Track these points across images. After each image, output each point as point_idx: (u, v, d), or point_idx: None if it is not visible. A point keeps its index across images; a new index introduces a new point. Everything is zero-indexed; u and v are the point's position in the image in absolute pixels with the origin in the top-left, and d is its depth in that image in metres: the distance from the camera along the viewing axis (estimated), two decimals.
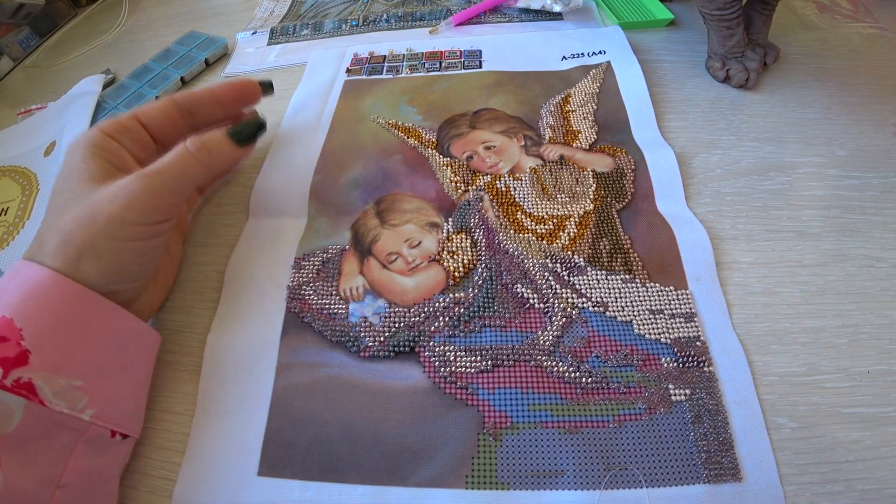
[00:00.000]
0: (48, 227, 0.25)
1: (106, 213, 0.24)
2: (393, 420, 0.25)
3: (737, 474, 0.23)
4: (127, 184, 0.25)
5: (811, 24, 0.45)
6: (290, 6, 0.54)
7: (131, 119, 0.28)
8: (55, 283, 0.23)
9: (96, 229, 0.24)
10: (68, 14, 0.59)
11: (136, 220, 0.25)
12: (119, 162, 0.27)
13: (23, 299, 0.22)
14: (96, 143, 0.26)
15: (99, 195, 0.24)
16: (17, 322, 0.22)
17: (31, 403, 0.21)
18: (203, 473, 0.25)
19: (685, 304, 0.28)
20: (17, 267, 0.24)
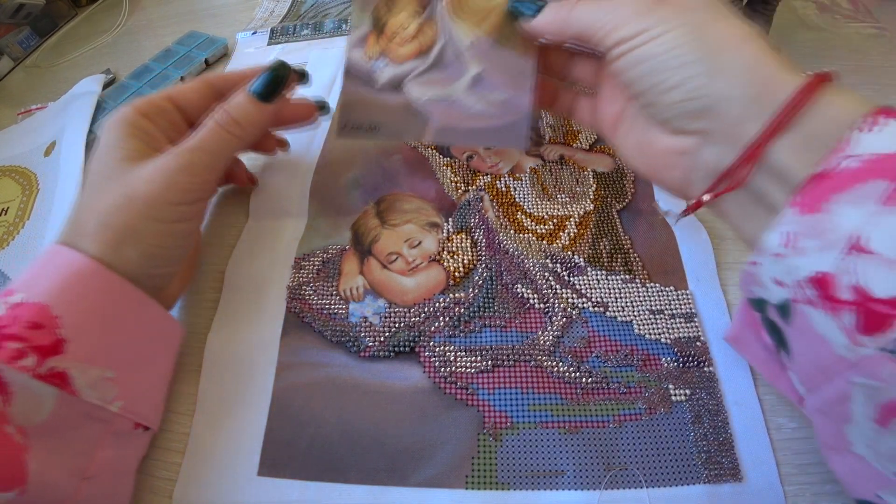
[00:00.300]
0: (86, 209, 0.24)
1: (143, 194, 0.24)
2: (393, 420, 0.25)
3: (737, 474, 0.23)
4: (163, 163, 0.25)
5: (811, 24, 0.45)
6: (291, 6, 0.54)
7: (165, 100, 0.28)
8: (93, 273, 0.23)
9: (136, 211, 0.24)
10: (68, 14, 0.59)
11: (174, 200, 0.25)
12: (153, 142, 0.26)
13: (61, 287, 0.22)
14: (131, 122, 0.26)
15: (135, 176, 0.24)
16: (53, 310, 0.21)
17: (63, 393, 0.21)
18: (203, 473, 0.25)
19: (685, 304, 0.28)
20: (54, 251, 0.23)
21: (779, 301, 0.18)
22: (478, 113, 0.30)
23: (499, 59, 0.29)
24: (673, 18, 0.21)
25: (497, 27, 0.29)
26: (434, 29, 0.30)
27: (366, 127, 0.30)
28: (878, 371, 0.15)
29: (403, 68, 0.30)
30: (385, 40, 0.30)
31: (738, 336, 0.24)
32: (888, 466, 0.17)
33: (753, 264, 0.19)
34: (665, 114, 0.22)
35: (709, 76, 0.19)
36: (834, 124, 0.17)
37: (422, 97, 0.30)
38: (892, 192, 0.15)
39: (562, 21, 0.25)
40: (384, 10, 0.30)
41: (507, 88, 0.29)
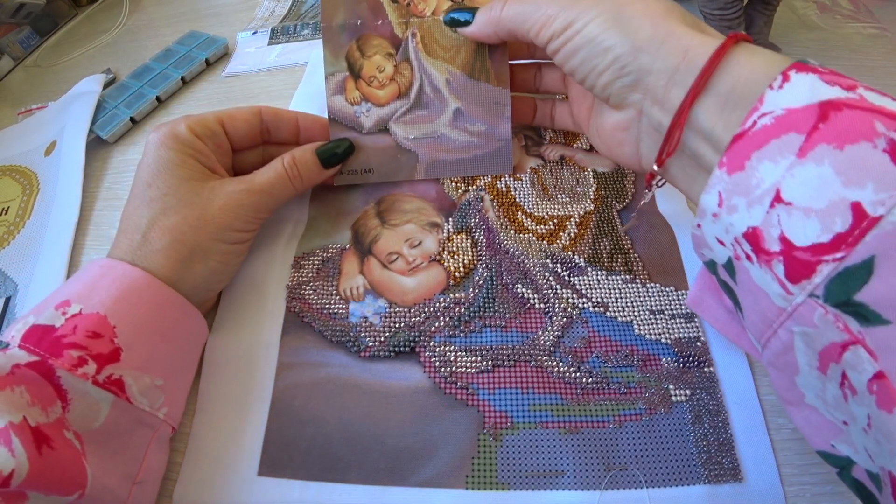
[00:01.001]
0: (152, 225, 0.25)
1: (217, 221, 0.26)
2: (393, 420, 0.25)
3: (737, 475, 0.23)
4: (238, 197, 0.27)
5: (812, 24, 0.44)
6: (291, 6, 0.54)
7: (217, 123, 0.29)
8: (150, 286, 0.24)
9: (207, 233, 0.26)
10: (69, 14, 0.59)
11: (239, 227, 0.27)
12: (208, 163, 0.28)
13: (116, 299, 0.23)
14: (188, 143, 0.27)
15: (207, 202, 0.26)
16: (110, 320, 0.22)
17: (118, 400, 0.22)
18: (204, 473, 0.25)
19: (685, 304, 0.28)
20: (109, 265, 0.25)
21: (724, 260, 0.19)
22: (463, 145, 0.32)
23: (475, 91, 0.31)
24: (593, 7, 0.23)
25: (468, 61, 0.31)
26: (410, 69, 0.32)
27: (360, 171, 0.32)
28: (810, 317, 0.16)
29: (387, 110, 0.32)
30: (364, 85, 0.32)
31: (698, 300, 0.25)
32: (836, 415, 0.17)
33: (698, 227, 0.19)
34: (604, 93, 0.24)
35: (631, 55, 0.21)
36: (749, 84, 0.18)
37: (408, 136, 0.32)
38: (805, 144, 0.16)
39: (494, 22, 0.27)
40: (357, 55, 0.32)
41: (486, 118, 0.31)
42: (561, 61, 0.24)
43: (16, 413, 0.19)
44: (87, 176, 0.38)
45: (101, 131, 0.40)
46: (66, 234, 0.35)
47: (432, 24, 0.31)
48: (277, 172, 0.29)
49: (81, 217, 0.36)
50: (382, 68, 0.31)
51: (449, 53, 0.31)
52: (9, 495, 0.18)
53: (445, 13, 0.31)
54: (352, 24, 0.32)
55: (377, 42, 0.32)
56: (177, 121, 0.28)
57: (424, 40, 0.31)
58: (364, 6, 0.32)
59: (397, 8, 0.32)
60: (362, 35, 0.32)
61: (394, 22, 0.31)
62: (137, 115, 0.42)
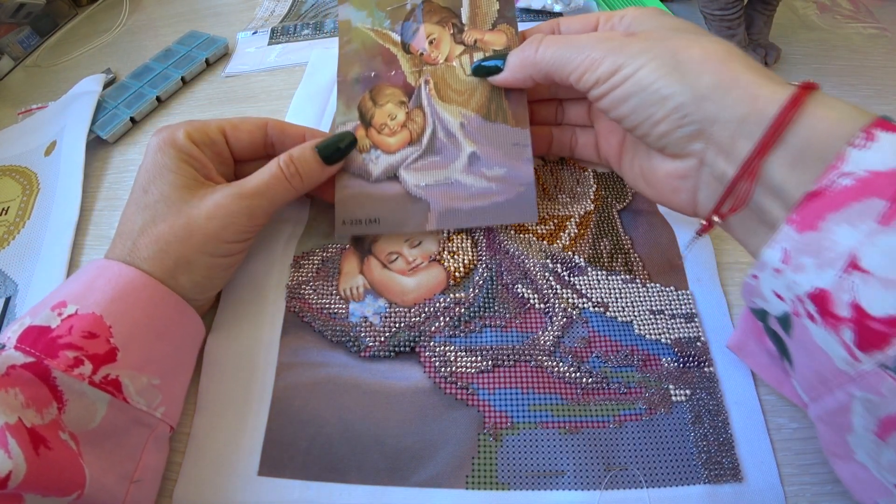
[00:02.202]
0: (142, 232, 0.25)
1: (204, 231, 0.25)
2: (393, 420, 0.25)
3: (737, 475, 0.23)
4: (226, 203, 0.25)
5: (812, 24, 0.45)
6: (291, 6, 0.54)
7: (218, 132, 0.28)
8: (145, 286, 0.24)
9: (193, 245, 0.25)
10: (69, 14, 0.59)
11: (229, 239, 0.26)
12: (205, 171, 0.27)
13: (112, 298, 0.23)
14: (185, 150, 0.27)
15: (196, 209, 0.25)
16: (106, 319, 0.22)
17: (115, 400, 0.22)
18: (204, 473, 0.25)
19: (686, 304, 0.28)
20: (104, 265, 0.24)
21: (779, 313, 0.18)
22: (479, 191, 0.29)
23: (492, 133, 0.29)
24: (645, 52, 0.21)
25: (483, 104, 0.30)
26: (422, 115, 0.30)
27: (365, 221, 0.30)
28: (877, 386, 0.15)
29: (397, 157, 0.30)
30: (374, 133, 0.31)
31: (740, 343, 0.24)
32: (888, 478, 0.17)
33: (754, 278, 0.19)
34: (659, 143, 0.22)
35: (694, 104, 0.20)
36: (825, 139, 0.17)
37: (419, 183, 0.30)
38: (888, 211, 0.15)
39: (530, 65, 0.25)
40: (370, 105, 0.31)
41: (505, 161, 0.29)
42: (607, 107, 0.23)
43: (10, 414, 0.19)
44: (87, 176, 0.38)
45: (101, 131, 0.40)
46: (66, 234, 0.35)
47: (445, 70, 0.31)
48: (273, 173, 0.27)
49: (81, 217, 0.36)
50: (394, 116, 0.31)
51: (463, 97, 0.30)
52: (5, 497, 0.18)
53: (459, 58, 0.30)
54: (366, 76, 0.32)
55: (390, 91, 0.31)
56: (177, 126, 0.28)
57: (437, 86, 0.30)
58: (379, 60, 0.32)
59: (411, 58, 0.32)
60: (375, 85, 0.32)
61: (407, 71, 0.31)
62: (137, 115, 0.42)
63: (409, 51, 0.32)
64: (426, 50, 0.31)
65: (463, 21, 0.31)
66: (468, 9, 0.32)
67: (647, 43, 0.21)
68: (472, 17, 0.31)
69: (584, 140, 0.31)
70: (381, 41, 0.32)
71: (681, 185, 0.23)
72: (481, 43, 0.31)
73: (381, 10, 0.33)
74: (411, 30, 0.32)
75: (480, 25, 0.31)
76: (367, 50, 0.32)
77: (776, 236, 0.17)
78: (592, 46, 0.23)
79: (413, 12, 0.32)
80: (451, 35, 0.31)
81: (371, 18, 0.33)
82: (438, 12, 0.32)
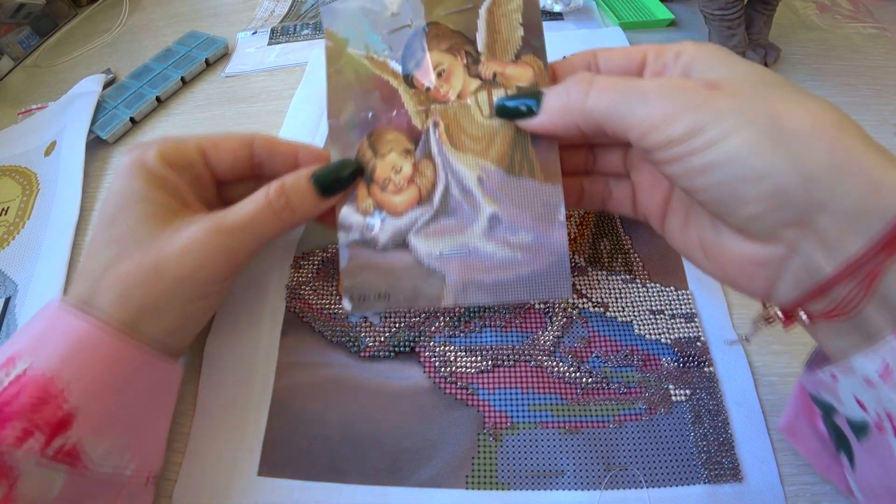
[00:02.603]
0: (105, 270, 0.22)
1: (174, 271, 0.22)
2: (393, 420, 0.25)
3: (737, 475, 0.23)
4: (202, 239, 0.22)
5: (812, 24, 0.45)
6: (291, 6, 0.54)
7: (196, 151, 0.25)
8: (102, 340, 0.21)
9: (162, 288, 0.22)
10: (69, 14, 0.59)
11: (205, 279, 0.22)
12: (180, 196, 0.24)
13: (65, 356, 0.20)
14: (158, 174, 0.24)
15: (166, 246, 0.22)
16: (58, 381, 0.20)
17: (73, 469, 0.20)
18: (203, 473, 0.25)
19: (686, 304, 0.28)
20: (59, 313, 0.21)
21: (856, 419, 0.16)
22: (502, 261, 0.24)
23: (516, 191, 0.24)
24: (736, 112, 0.17)
25: (505, 153, 0.25)
26: (432, 168, 0.26)
27: (372, 297, 0.26)
28: None
29: (405, 220, 0.26)
30: (377, 190, 0.26)
31: (791, 426, 0.21)
32: None
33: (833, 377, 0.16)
34: (743, 225, 0.18)
35: (801, 188, 0.16)
36: None
37: (432, 253, 0.25)
38: None
39: (577, 112, 0.20)
40: (369, 154, 0.26)
41: (533, 225, 0.24)
42: (677, 175, 0.18)
43: None
44: (87, 176, 0.38)
45: (101, 131, 0.40)
46: (66, 235, 0.35)
47: (458, 109, 0.25)
48: (259, 205, 0.23)
49: (81, 217, 0.36)
50: (399, 168, 0.26)
51: (480, 144, 0.25)
52: None
53: (475, 95, 0.25)
54: (362, 117, 0.27)
55: (392, 136, 0.26)
56: (149, 145, 0.24)
57: (449, 130, 0.25)
58: (376, 96, 0.27)
59: (415, 94, 0.26)
60: (374, 130, 0.27)
61: (411, 111, 0.26)
62: (137, 115, 0.42)
63: (413, 84, 0.26)
64: (434, 84, 0.26)
65: (478, 49, 0.26)
66: (485, 34, 0.26)
67: (737, 100, 0.17)
68: (489, 45, 0.25)
69: (620, 193, 0.26)
70: (379, 71, 0.27)
71: (758, 271, 0.18)
72: (502, 77, 0.25)
73: (377, 32, 0.27)
74: (415, 58, 0.26)
75: (500, 56, 0.25)
76: (362, 83, 0.27)
77: (877, 346, 0.15)
78: (663, 97, 0.18)
79: (416, 37, 0.26)
80: (464, 66, 0.26)
81: (364, 42, 0.27)
82: (448, 37, 0.26)
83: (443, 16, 0.26)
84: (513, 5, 0.26)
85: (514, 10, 0.26)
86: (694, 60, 0.20)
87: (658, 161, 0.19)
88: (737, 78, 0.18)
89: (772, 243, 0.17)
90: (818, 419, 0.19)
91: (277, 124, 0.39)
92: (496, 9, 0.26)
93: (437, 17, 0.26)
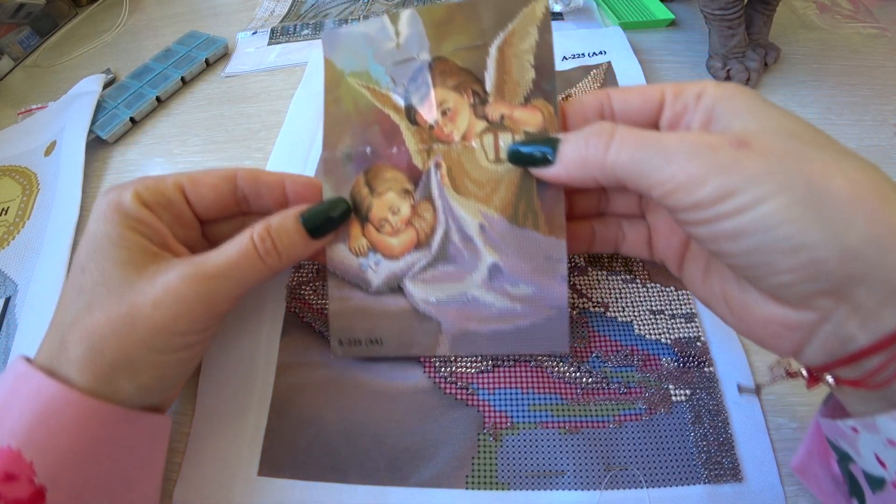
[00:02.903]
0: (73, 324, 0.20)
1: (149, 323, 0.20)
2: (393, 420, 0.25)
3: (737, 474, 0.23)
4: (179, 287, 0.20)
5: (812, 24, 0.45)
6: (291, 6, 0.54)
7: (176, 190, 0.23)
8: (69, 405, 0.19)
9: (136, 340, 0.20)
10: (69, 14, 0.59)
11: (184, 330, 0.21)
12: (158, 239, 0.22)
13: (31, 424, 0.19)
14: (134, 216, 0.22)
15: (140, 295, 0.20)
16: (26, 454, 0.18)
17: None
18: (204, 473, 0.25)
19: (686, 304, 0.28)
20: (24, 375, 0.19)
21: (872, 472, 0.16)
22: (501, 312, 0.24)
23: (519, 242, 0.24)
24: (768, 176, 0.16)
25: (510, 201, 0.24)
26: (432, 211, 0.25)
27: (365, 342, 0.26)
28: None
29: (401, 264, 0.25)
30: (372, 230, 0.25)
31: (804, 466, 0.21)
32: None
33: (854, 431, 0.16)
34: (773, 291, 0.17)
35: (838, 261, 0.15)
36: None
37: (429, 299, 0.25)
38: None
39: (597, 166, 0.19)
40: (365, 193, 0.25)
41: (534, 278, 0.24)
42: (704, 238, 0.18)
43: None
44: (87, 176, 0.38)
45: (101, 131, 0.40)
46: (65, 235, 0.35)
47: (462, 151, 0.24)
48: (243, 249, 0.22)
49: (81, 217, 0.36)
50: (396, 209, 0.25)
51: (484, 190, 0.24)
52: None
53: (481, 137, 0.24)
54: (359, 152, 0.26)
55: (391, 175, 0.25)
56: (125, 185, 0.23)
57: (452, 173, 0.24)
58: (376, 130, 0.26)
59: (417, 132, 0.25)
60: (372, 166, 0.26)
61: (412, 149, 0.25)
62: (137, 115, 0.42)
63: (416, 121, 0.25)
64: (438, 122, 0.25)
65: (486, 89, 0.25)
66: (494, 74, 0.25)
67: (769, 162, 0.16)
68: (498, 86, 0.24)
69: (634, 236, 0.25)
70: (380, 104, 0.26)
71: (786, 333, 0.18)
72: (510, 121, 0.24)
73: (381, 63, 0.26)
74: (419, 94, 0.25)
75: (509, 98, 0.24)
76: (361, 114, 0.26)
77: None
78: (689, 155, 0.17)
79: (421, 71, 0.25)
80: (470, 106, 0.25)
81: (367, 71, 0.26)
82: (455, 75, 0.25)
83: (451, 51, 0.25)
84: (525, 45, 0.24)
85: (525, 51, 0.24)
86: (717, 104, 0.19)
87: (683, 222, 0.18)
88: (766, 131, 0.17)
89: (802, 309, 0.17)
90: (833, 461, 0.18)
91: (277, 124, 0.39)
92: (507, 48, 0.24)
93: (444, 53, 0.25)
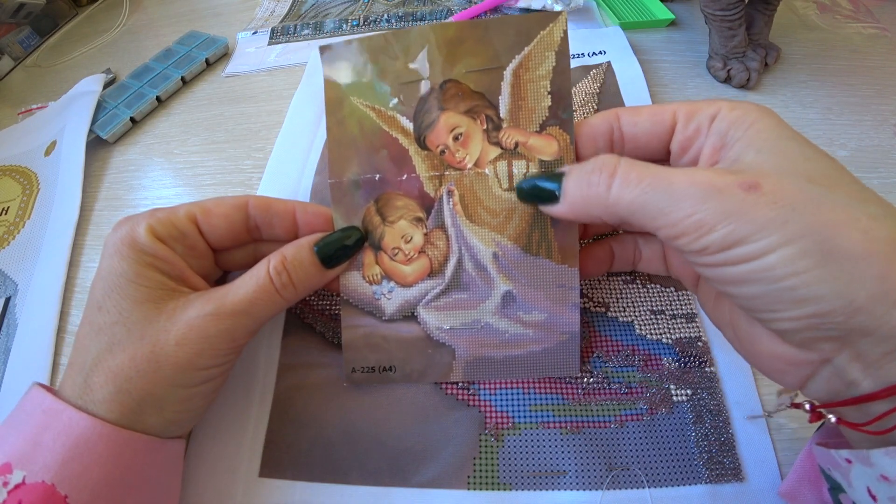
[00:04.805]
0: (96, 366, 0.21)
1: (173, 361, 0.20)
2: (394, 421, 0.25)
3: (738, 474, 0.23)
4: (201, 325, 0.21)
5: (812, 24, 0.45)
6: (291, 6, 0.54)
7: (188, 222, 0.23)
8: (101, 438, 0.20)
9: (161, 378, 0.20)
10: (69, 14, 0.59)
11: (206, 365, 0.21)
12: (175, 272, 0.22)
13: (65, 460, 0.19)
14: (149, 251, 0.22)
15: (162, 333, 0.21)
16: (60, 488, 0.18)
17: None
18: (205, 474, 0.25)
19: (686, 304, 0.28)
20: (52, 413, 0.20)
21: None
22: (514, 339, 0.24)
23: (532, 271, 0.24)
24: (779, 225, 0.15)
25: (524, 231, 0.24)
26: (445, 240, 0.25)
27: (378, 369, 0.26)
28: None
29: (414, 292, 0.25)
30: (385, 258, 0.25)
31: (793, 491, 0.21)
32: None
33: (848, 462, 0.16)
34: (785, 335, 0.17)
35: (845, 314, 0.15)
36: None
37: (442, 326, 0.25)
38: None
39: (600, 205, 0.19)
40: (376, 221, 0.25)
41: (547, 306, 0.24)
42: (713, 279, 0.18)
43: None
44: (87, 176, 0.38)
45: (101, 131, 0.40)
46: (66, 234, 0.35)
47: (475, 179, 0.24)
48: (260, 284, 0.22)
49: (81, 217, 0.36)
50: (409, 238, 0.25)
51: (497, 219, 0.24)
52: None
53: (494, 165, 0.24)
54: (368, 179, 0.25)
55: (402, 203, 0.25)
56: (137, 219, 0.23)
57: (465, 200, 0.24)
58: (384, 156, 0.25)
59: (428, 157, 0.25)
60: (383, 194, 0.25)
61: (423, 176, 0.25)
62: (137, 115, 0.42)
63: (426, 146, 0.25)
64: (449, 148, 0.24)
65: (500, 115, 0.24)
66: (508, 99, 0.24)
67: (780, 210, 0.15)
68: (512, 112, 0.24)
69: (650, 253, 0.25)
70: (387, 127, 0.25)
71: (790, 369, 0.18)
72: (524, 148, 0.24)
73: (387, 83, 0.25)
74: (429, 117, 0.25)
75: (524, 124, 0.24)
76: (367, 138, 0.25)
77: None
78: (696, 199, 0.16)
79: (432, 94, 0.25)
80: (483, 132, 0.24)
81: (371, 90, 0.25)
82: (468, 98, 0.24)
83: (464, 73, 0.24)
84: (542, 70, 0.24)
85: (542, 77, 0.24)
86: (732, 129, 0.19)
87: (691, 262, 0.18)
88: (779, 171, 0.17)
89: (806, 350, 0.17)
90: (824, 488, 0.18)
91: (277, 124, 0.39)
92: (523, 72, 0.24)
93: (457, 75, 0.24)
